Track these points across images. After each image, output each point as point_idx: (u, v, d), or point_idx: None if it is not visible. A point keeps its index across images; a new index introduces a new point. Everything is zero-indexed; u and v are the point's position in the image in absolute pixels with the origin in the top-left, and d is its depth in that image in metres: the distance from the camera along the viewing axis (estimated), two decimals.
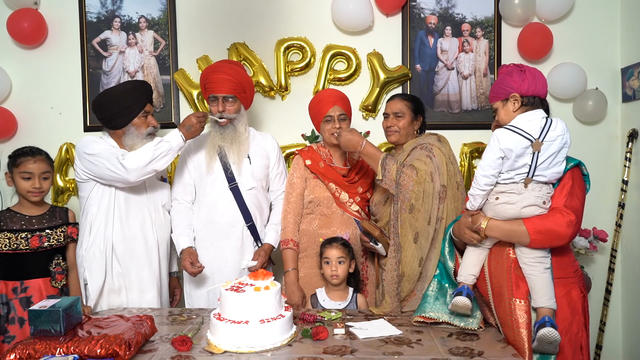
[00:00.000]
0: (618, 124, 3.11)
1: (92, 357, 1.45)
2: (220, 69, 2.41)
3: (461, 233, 1.84)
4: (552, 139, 1.70)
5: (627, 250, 3.06)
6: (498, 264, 1.82)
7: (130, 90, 2.35)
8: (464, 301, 1.75)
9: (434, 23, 3.08)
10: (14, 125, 3.05)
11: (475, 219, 1.79)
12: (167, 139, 2.25)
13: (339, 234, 2.31)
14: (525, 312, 1.73)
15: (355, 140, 2.12)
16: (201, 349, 1.64)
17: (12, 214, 2.23)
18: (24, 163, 2.20)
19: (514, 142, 1.69)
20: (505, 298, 1.77)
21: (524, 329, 1.71)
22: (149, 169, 2.23)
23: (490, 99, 1.87)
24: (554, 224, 1.70)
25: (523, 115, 1.75)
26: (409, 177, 2.04)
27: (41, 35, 3.03)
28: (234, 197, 2.40)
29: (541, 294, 1.70)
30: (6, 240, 2.15)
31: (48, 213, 2.29)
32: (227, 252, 2.40)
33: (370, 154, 2.11)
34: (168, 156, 2.26)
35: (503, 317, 1.79)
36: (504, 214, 1.75)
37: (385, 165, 2.06)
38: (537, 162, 1.69)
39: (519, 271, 1.76)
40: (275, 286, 1.74)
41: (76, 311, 1.61)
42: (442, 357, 1.56)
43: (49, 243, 2.22)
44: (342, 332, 1.76)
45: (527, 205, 1.71)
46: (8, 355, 1.45)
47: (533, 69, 1.80)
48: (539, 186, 1.73)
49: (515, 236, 1.73)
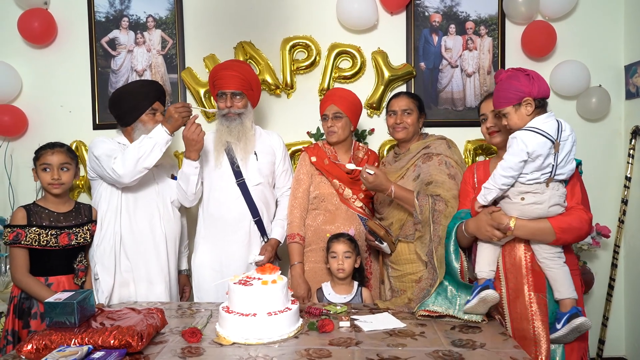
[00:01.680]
0: (621, 121, 3.13)
1: (105, 347, 1.49)
2: (229, 66, 2.47)
3: (480, 231, 1.87)
4: (565, 139, 1.78)
5: (630, 246, 3.08)
6: (513, 260, 1.88)
7: (138, 88, 2.41)
8: (493, 294, 1.79)
9: (438, 21, 3.11)
10: (25, 124, 3.10)
11: (499, 218, 1.82)
12: (151, 135, 2.25)
13: (344, 230, 2.35)
14: (544, 304, 1.83)
15: (384, 186, 2.12)
16: (210, 340, 1.68)
17: (41, 209, 2.23)
18: (43, 155, 2.23)
19: (540, 144, 1.74)
20: (524, 292, 1.85)
21: (540, 321, 1.81)
22: (139, 168, 2.23)
23: (497, 104, 1.86)
24: (578, 221, 1.79)
25: (540, 117, 1.79)
26: (440, 212, 2.09)
27: (51, 34, 3.08)
28: (241, 192, 2.45)
29: (566, 286, 1.80)
30: (36, 235, 2.15)
31: (74, 210, 2.30)
32: (234, 246, 2.44)
33: (402, 197, 2.14)
34: (155, 152, 2.23)
35: (520, 311, 1.86)
36: (531, 214, 1.80)
37: (421, 207, 2.10)
38: (557, 161, 1.76)
39: (536, 266, 1.85)
40: (282, 280, 1.78)
41: (90, 303, 1.66)
42: (445, 348, 1.60)
43: (77, 241, 2.24)
44: (348, 325, 1.80)
45: (553, 204, 1.79)
46: (25, 346, 1.49)
47: (534, 72, 1.84)
48: (557, 185, 1.80)
49: (541, 235, 1.80)
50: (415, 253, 2.20)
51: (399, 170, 2.32)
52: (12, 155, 3.10)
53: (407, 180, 2.26)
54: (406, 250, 2.23)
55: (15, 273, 2.16)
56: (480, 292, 1.80)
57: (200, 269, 2.49)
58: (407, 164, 2.30)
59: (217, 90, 2.48)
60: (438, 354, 1.55)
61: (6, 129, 3.03)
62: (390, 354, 1.55)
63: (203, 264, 2.48)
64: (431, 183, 2.17)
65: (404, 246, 2.24)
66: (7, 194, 3.08)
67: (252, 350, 1.60)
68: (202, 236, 2.51)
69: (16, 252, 2.15)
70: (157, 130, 2.26)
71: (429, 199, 2.10)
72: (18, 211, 2.21)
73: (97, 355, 1.44)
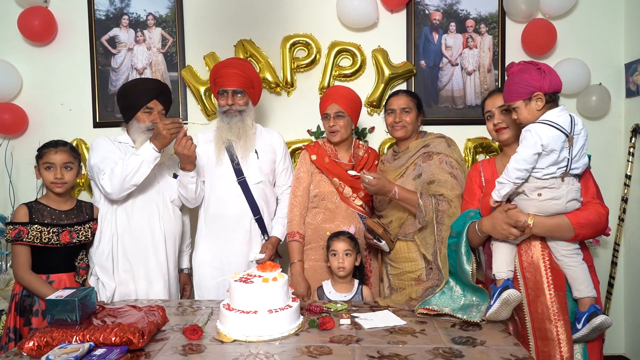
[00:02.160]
0: (621, 119, 3.13)
1: (107, 344, 1.49)
2: (230, 64, 2.47)
3: (496, 229, 1.81)
4: (578, 132, 1.76)
5: (630, 244, 3.09)
6: (531, 258, 1.84)
7: (137, 85, 2.41)
8: (516, 293, 1.75)
9: (439, 19, 3.11)
10: (25, 122, 3.11)
11: (515, 215, 1.78)
12: (139, 152, 2.24)
13: (344, 229, 2.35)
14: (565, 303, 1.79)
15: (387, 188, 2.11)
16: (211, 337, 1.69)
17: (43, 207, 2.23)
18: (46, 154, 2.22)
19: (554, 137, 1.72)
20: (545, 292, 1.80)
21: (562, 320, 1.77)
22: (126, 186, 2.24)
23: (507, 97, 1.83)
24: (596, 215, 1.77)
25: (553, 110, 1.77)
26: (443, 212, 2.08)
27: (51, 33, 3.08)
28: (242, 190, 2.45)
29: (585, 284, 1.78)
30: (38, 233, 2.15)
31: (76, 208, 2.30)
32: (235, 244, 2.45)
33: (405, 198, 2.13)
34: (142, 169, 2.23)
35: (541, 311, 1.80)
36: (549, 210, 1.76)
37: (425, 207, 2.10)
38: (572, 155, 1.74)
39: (555, 264, 1.82)
40: (282, 277, 1.78)
41: (91, 301, 1.66)
42: (445, 346, 1.60)
43: (78, 239, 2.24)
44: (348, 323, 1.80)
45: (570, 199, 1.75)
46: (27, 343, 1.50)
47: (546, 66, 1.82)
48: (573, 180, 1.78)
49: (559, 231, 1.77)
50: (414, 251, 2.21)
51: (398, 168, 2.32)
52: (12, 154, 3.10)
53: (407, 179, 2.26)
54: (405, 249, 2.24)
55: (17, 270, 2.16)
56: (501, 293, 1.76)
57: (201, 267, 2.49)
58: (406, 162, 2.30)
59: (218, 87, 2.48)
60: (438, 351, 1.56)
61: (6, 127, 3.03)
62: (390, 351, 1.55)
63: (204, 262, 2.48)
64: (433, 182, 2.16)
65: (402, 244, 2.24)
66: (7, 192, 3.08)
67: (253, 348, 1.60)
68: (203, 234, 2.51)
69: (18, 249, 2.16)
70: (145, 147, 2.25)
71: (432, 199, 2.10)
72: (20, 208, 2.21)
73: (98, 352, 1.45)
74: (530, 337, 1.83)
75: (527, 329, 1.84)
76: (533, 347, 1.82)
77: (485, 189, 1.97)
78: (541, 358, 1.80)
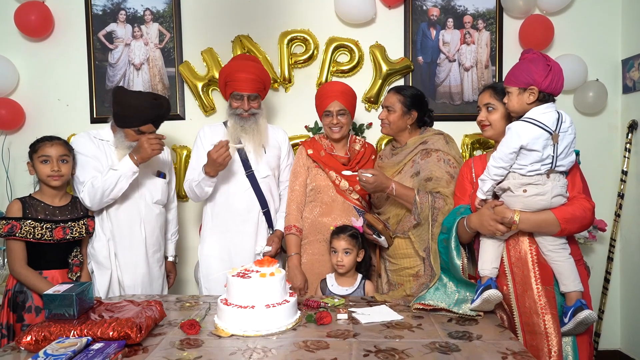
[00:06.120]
0: (618, 115, 3.14)
1: (104, 339, 1.50)
2: (245, 69, 2.46)
3: (484, 225, 1.84)
4: (565, 130, 1.76)
5: (626, 239, 3.10)
6: (519, 254, 1.87)
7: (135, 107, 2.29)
8: (496, 293, 1.78)
9: (436, 15, 3.11)
10: (22, 117, 3.10)
11: (502, 212, 1.80)
12: (117, 167, 2.26)
13: (352, 220, 2.31)
14: (553, 297, 1.81)
15: (384, 185, 2.13)
16: (209, 332, 1.69)
17: (36, 202, 2.22)
18: (41, 147, 2.21)
19: (535, 136, 1.73)
20: (533, 286, 1.83)
21: (550, 314, 1.79)
22: (105, 200, 2.28)
23: (507, 80, 1.85)
24: (581, 210, 1.78)
25: (539, 107, 1.78)
26: (439, 210, 2.10)
27: (48, 28, 3.07)
28: (250, 184, 2.48)
29: (571, 278, 1.80)
30: (31, 228, 2.14)
31: (70, 204, 2.30)
32: (243, 236, 2.49)
33: (402, 194, 2.15)
34: (120, 184, 2.26)
35: (529, 305, 1.83)
36: (534, 206, 1.78)
37: (422, 204, 2.11)
38: (557, 153, 1.75)
39: (542, 259, 1.84)
40: (280, 273, 1.79)
41: (88, 296, 1.66)
42: (442, 340, 1.61)
43: (72, 235, 2.24)
44: (345, 317, 1.81)
45: (555, 195, 1.77)
46: (25, 337, 1.50)
47: (558, 66, 1.80)
48: (559, 176, 1.79)
49: (545, 227, 1.79)
50: (412, 248, 2.21)
51: (396, 165, 2.33)
52: (9, 149, 3.09)
53: (405, 176, 2.27)
54: (403, 245, 2.25)
55: (13, 265, 2.16)
56: (482, 292, 1.79)
57: (208, 260, 2.51)
58: (404, 159, 2.30)
59: (230, 89, 2.49)
60: (435, 345, 1.57)
61: (3, 123, 3.02)
62: (387, 346, 1.56)
63: (211, 255, 2.51)
64: (431, 179, 2.17)
65: (401, 241, 2.25)
66: (4, 188, 3.08)
67: (251, 342, 1.61)
68: (210, 227, 2.53)
69: (13, 244, 2.15)
70: (124, 161, 2.27)
71: (429, 197, 2.11)
72: (13, 203, 2.20)
73: (96, 346, 1.45)
74: (519, 331, 1.86)
75: (515, 323, 1.87)
76: (521, 341, 1.84)
77: (475, 185, 1.98)
78: (530, 352, 1.80)
